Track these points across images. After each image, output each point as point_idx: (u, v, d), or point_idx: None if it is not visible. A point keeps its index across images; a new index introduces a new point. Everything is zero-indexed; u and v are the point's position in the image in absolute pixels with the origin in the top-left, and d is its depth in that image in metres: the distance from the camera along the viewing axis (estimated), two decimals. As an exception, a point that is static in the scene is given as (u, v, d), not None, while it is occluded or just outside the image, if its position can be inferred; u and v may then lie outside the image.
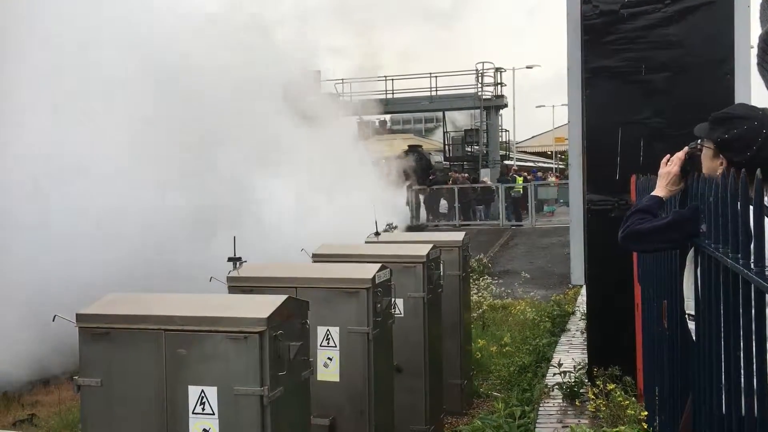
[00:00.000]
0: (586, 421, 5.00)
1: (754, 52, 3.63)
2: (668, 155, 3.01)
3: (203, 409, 3.16)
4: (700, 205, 2.53)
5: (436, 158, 30.61)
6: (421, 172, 26.89)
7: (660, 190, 2.94)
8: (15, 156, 8.78)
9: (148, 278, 8.11)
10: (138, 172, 9.69)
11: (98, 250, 8.44)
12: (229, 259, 4.47)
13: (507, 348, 8.02)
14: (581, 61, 5.73)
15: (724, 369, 2.19)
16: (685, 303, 2.82)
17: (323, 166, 14.63)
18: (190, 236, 9.65)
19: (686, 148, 2.93)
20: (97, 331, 3.34)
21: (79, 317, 3.38)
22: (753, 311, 1.90)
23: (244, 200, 11.42)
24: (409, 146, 29.75)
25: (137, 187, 9.55)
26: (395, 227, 6.48)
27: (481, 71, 28.99)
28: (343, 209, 13.44)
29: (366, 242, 6.38)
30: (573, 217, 6.07)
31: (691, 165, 2.87)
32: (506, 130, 32.96)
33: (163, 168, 9.92)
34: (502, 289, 12.00)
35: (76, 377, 3.39)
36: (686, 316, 2.81)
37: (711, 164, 2.68)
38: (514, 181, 25.58)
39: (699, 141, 2.84)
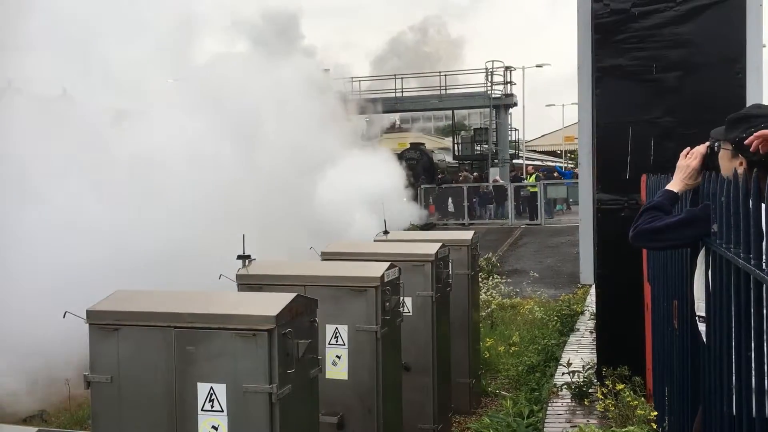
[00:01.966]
0: (595, 421, 4.98)
1: (767, 51, 3.61)
2: (688, 148, 2.95)
3: (212, 406, 3.17)
4: (712, 204, 2.51)
5: (439, 156, 30.32)
6: (423, 171, 26.71)
7: (675, 184, 2.89)
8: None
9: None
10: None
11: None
12: (239, 257, 4.48)
13: (515, 347, 8.01)
14: (592, 60, 5.71)
15: (735, 370, 2.18)
16: (696, 304, 2.80)
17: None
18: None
19: (707, 143, 2.87)
20: (107, 327, 3.35)
21: (89, 314, 3.40)
22: (765, 311, 1.89)
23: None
24: (411, 144, 29.50)
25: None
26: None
27: (490, 70, 28.95)
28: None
29: (375, 240, 6.38)
30: (583, 216, 6.06)
31: (712, 161, 2.81)
32: (516, 129, 32.91)
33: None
34: (511, 288, 11.97)
35: (86, 373, 3.40)
36: (696, 317, 2.79)
37: (729, 165, 2.64)
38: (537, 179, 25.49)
39: (717, 144, 2.80)
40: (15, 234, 7.83)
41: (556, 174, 28.71)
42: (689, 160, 2.87)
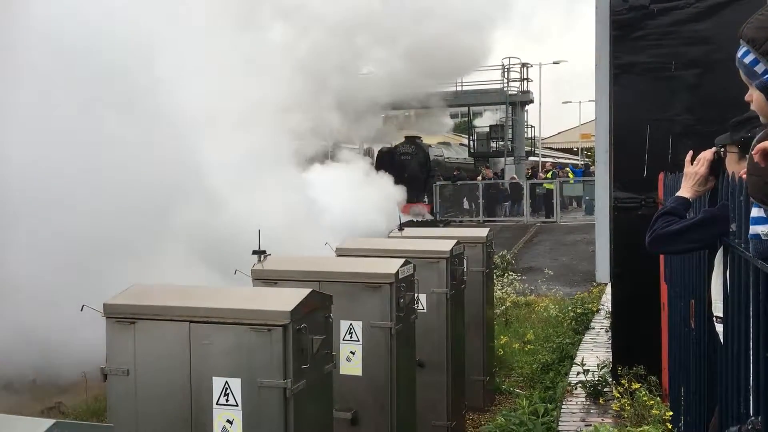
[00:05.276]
0: (610, 420, 4.96)
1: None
2: (691, 152, 2.96)
3: (227, 400, 3.18)
4: (730, 203, 2.49)
5: (436, 151, 29.38)
6: (419, 166, 25.96)
7: (686, 191, 2.89)
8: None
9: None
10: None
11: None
12: (254, 252, 4.49)
13: (530, 345, 7.98)
14: (610, 57, 5.67)
15: (753, 371, 2.16)
16: (713, 305, 2.78)
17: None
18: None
19: (713, 149, 2.88)
20: (123, 321, 3.38)
21: (107, 307, 3.43)
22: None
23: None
24: (406, 137, 28.38)
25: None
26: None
27: (507, 66, 28.83)
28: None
29: (389, 237, 6.38)
30: (599, 214, 6.02)
31: (719, 167, 2.82)
32: (532, 126, 32.74)
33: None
34: (526, 285, 11.93)
35: (102, 366, 3.44)
36: (714, 318, 2.77)
37: (737, 168, 2.63)
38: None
39: (722, 149, 2.80)
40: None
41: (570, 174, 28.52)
42: (697, 167, 2.87)
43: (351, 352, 4.37)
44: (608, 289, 8.47)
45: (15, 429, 1.50)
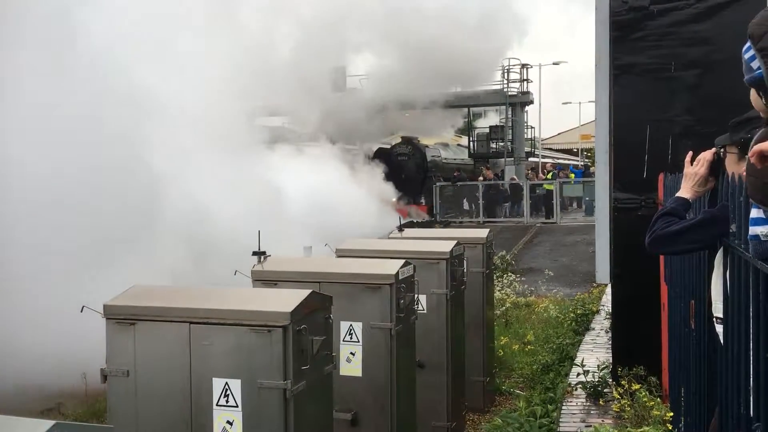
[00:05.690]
0: (610, 421, 4.96)
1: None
2: (690, 153, 2.96)
3: (227, 401, 3.18)
4: (730, 204, 2.49)
5: (433, 152, 29.15)
6: (416, 166, 25.80)
7: (686, 192, 2.89)
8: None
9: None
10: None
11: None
12: (254, 253, 4.50)
13: (530, 346, 7.98)
14: (609, 58, 5.67)
15: (753, 371, 2.16)
16: (713, 306, 2.78)
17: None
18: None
19: (713, 149, 2.88)
20: (123, 322, 3.38)
21: (107, 308, 3.43)
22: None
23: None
24: (402, 137, 28.08)
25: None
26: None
27: (507, 67, 28.80)
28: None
29: (389, 237, 6.38)
30: (599, 215, 6.02)
31: (719, 167, 2.82)
32: (532, 127, 32.69)
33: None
34: (526, 286, 11.93)
35: (103, 367, 3.44)
36: (714, 319, 2.77)
37: (737, 168, 2.63)
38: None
39: (722, 149, 2.80)
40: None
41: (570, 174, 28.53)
42: (696, 167, 2.87)
43: (351, 353, 4.37)
44: (608, 289, 8.47)
45: (15, 430, 1.50)
